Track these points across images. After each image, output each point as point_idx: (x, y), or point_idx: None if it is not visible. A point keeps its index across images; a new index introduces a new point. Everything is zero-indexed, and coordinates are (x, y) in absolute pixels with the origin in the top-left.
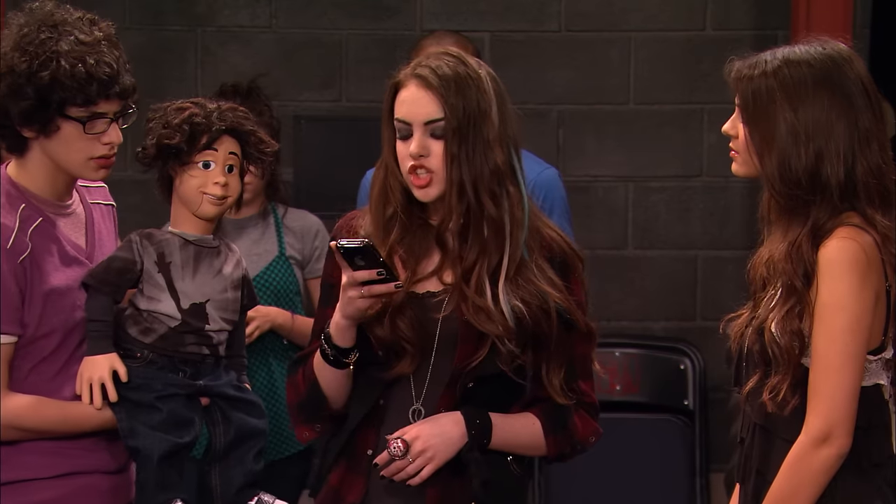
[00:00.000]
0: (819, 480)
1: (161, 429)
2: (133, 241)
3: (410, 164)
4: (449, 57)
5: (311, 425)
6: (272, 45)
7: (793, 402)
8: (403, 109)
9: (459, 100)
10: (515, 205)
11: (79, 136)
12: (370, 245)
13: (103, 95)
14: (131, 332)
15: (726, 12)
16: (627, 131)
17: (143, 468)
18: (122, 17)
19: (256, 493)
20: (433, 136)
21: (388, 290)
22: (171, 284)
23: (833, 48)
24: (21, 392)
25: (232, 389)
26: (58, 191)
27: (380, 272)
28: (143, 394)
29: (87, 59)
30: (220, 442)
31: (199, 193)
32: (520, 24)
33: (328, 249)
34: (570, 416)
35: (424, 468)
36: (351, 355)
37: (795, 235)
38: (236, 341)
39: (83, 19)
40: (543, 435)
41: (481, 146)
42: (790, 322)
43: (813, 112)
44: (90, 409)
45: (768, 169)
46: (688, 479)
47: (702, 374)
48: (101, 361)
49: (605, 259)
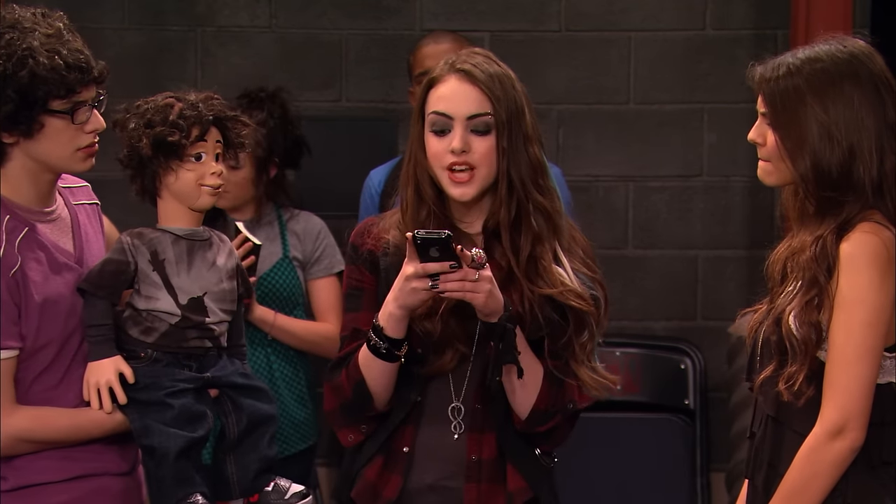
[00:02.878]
0: (832, 473)
1: (175, 425)
2: (124, 242)
3: (451, 161)
4: (482, 55)
5: (356, 426)
6: (272, 45)
7: (807, 394)
8: (443, 104)
9: (504, 95)
10: (555, 196)
11: (64, 129)
12: (450, 237)
13: (84, 82)
14: (132, 333)
15: (726, 12)
16: (627, 131)
17: (160, 466)
18: (122, 17)
19: (273, 479)
20: (475, 132)
21: (460, 287)
22: (167, 281)
23: (853, 45)
24: (27, 403)
25: (240, 378)
26: (41, 196)
27: (452, 265)
28: (152, 392)
29: (60, 49)
30: (233, 431)
31: (197, 186)
32: (520, 24)
33: (351, 250)
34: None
35: (475, 294)
36: (402, 347)
37: (823, 231)
38: (235, 331)
39: (36, 14)
40: (542, 381)
41: (524, 141)
42: (809, 313)
43: (843, 109)
44: (100, 414)
45: (802, 170)
46: (688, 478)
47: (702, 373)
48: (107, 365)
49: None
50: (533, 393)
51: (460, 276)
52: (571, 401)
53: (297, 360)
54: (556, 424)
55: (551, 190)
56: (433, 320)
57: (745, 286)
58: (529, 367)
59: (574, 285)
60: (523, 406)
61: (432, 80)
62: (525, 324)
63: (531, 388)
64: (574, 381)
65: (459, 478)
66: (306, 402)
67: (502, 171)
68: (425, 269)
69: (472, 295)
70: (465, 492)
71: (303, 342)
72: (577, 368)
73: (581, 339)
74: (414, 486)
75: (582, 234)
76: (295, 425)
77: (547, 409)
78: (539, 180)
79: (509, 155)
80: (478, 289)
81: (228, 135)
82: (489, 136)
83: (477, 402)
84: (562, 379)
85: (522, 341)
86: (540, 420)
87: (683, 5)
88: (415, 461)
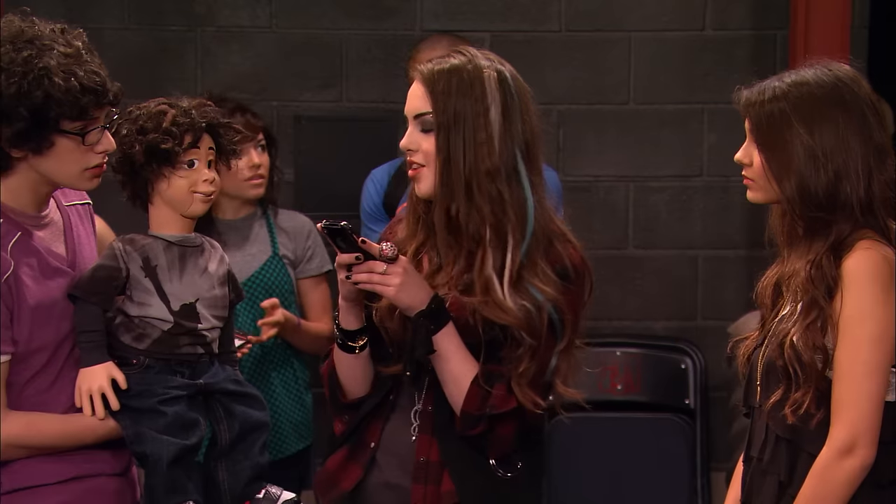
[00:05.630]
0: (844, 492)
1: (167, 432)
2: (116, 248)
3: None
4: (458, 54)
5: (340, 416)
6: (272, 45)
7: (818, 416)
8: (407, 104)
9: (449, 96)
10: (518, 208)
11: (74, 149)
12: (347, 227)
13: (98, 105)
14: (124, 339)
15: (726, 12)
16: (627, 131)
17: (152, 473)
18: (122, 17)
19: (264, 486)
20: (423, 131)
21: (368, 279)
22: (159, 288)
23: (839, 69)
24: (18, 407)
25: (232, 384)
26: (38, 203)
27: (358, 256)
28: (144, 400)
29: (77, 71)
30: (225, 438)
31: (190, 193)
32: (520, 24)
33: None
34: (499, 386)
35: (385, 287)
36: (358, 339)
37: (816, 253)
38: (226, 337)
39: (56, 30)
40: (470, 383)
41: (474, 145)
42: (813, 336)
43: (828, 132)
44: (91, 421)
45: (788, 192)
46: (689, 478)
47: (703, 373)
48: (99, 371)
49: (605, 259)
50: (459, 394)
51: (367, 268)
52: (490, 405)
53: (293, 360)
54: (486, 429)
55: (513, 200)
56: (393, 319)
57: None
58: (456, 368)
59: (500, 297)
60: (456, 407)
61: (409, 81)
62: (461, 325)
63: (456, 388)
64: (503, 389)
65: (410, 478)
66: (303, 402)
67: (439, 170)
68: (339, 259)
69: (382, 287)
70: (412, 492)
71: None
72: (513, 379)
73: (515, 353)
74: (372, 482)
75: (569, 246)
76: (292, 426)
77: (475, 412)
78: (492, 189)
79: (447, 156)
80: (386, 281)
81: (221, 142)
82: (432, 134)
83: (429, 405)
84: (487, 387)
85: (454, 341)
86: (470, 424)
87: (683, 5)
88: (378, 457)
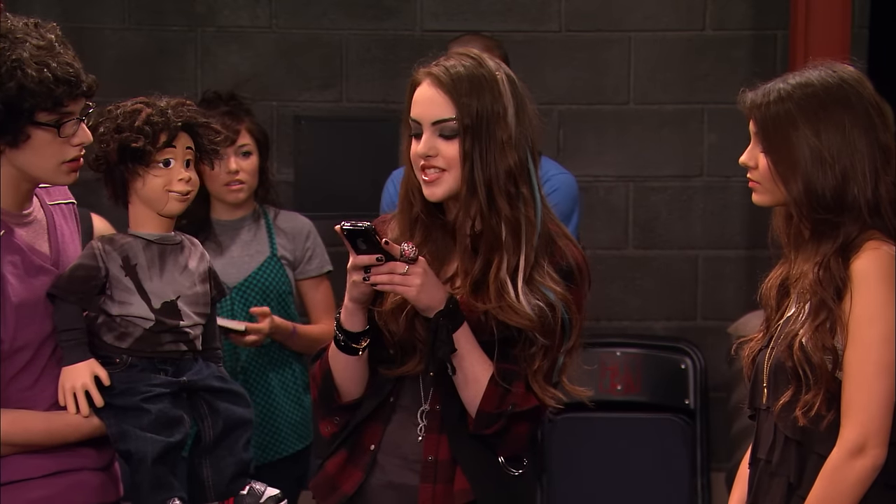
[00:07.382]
0: (855, 493)
1: (151, 430)
2: (95, 247)
3: (421, 164)
4: (466, 57)
5: (329, 418)
6: (272, 45)
7: (828, 418)
8: (416, 109)
9: (472, 100)
10: (529, 207)
11: (51, 142)
12: (371, 228)
13: (72, 96)
14: (107, 339)
15: (726, 12)
16: (627, 131)
17: (137, 471)
18: (122, 17)
19: (248, 482)
20: (442, 137)
21: (389, 280)
22: (139, 286)
23: (843, 70)
24: (1, 405)
25: (216, 381)
26: (19, 200)
27: (379, 258)
28: (128, 398)
29: (50, 62)
30: (209, 434)
31: (165, 192)
32: (520, 24)
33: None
34: (517, 384)
35: (406, 287)
36: (361, 341)
37: (824, 255)
38: (209, 334)
39: (29, 24)
40: (487, 382)
41: (495, 147)
42: (822, 338)
43: (835, 133)
44: (76, 419)
45: (795, 194)
46: (689, 478)
47: (703, 373)
48: (82, 369)
49: (605, 259)
50: (476, 393)
51: (388, 269)
52: (513, 403)
53: (292, 361)
54: (502, 427)
55: (526, 199)
56: (398, 321)
57: (745, 286)
58: (472, 367)
59: (513, 300)
60: (471, 407)
61: (413, 84)
62: (473, 324)
63: (473, 388)
64: (521, 387)
65: (418, 477)
66: (302, 403)
67: (465, 176)
68: (357, 261)
69: (403, 288)
70: (420, 491)
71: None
72: (530, 377)
73: (529, 352)
74: (374, 483)
75: (570, 244)
76: (291, 427)
77: (492, 411)
78: (511, 189)
79: (473, 161)
80: (407, 282)
81: (200, 141)
82: (455, 140)
83: (436, 404)
84: (506, 385)
85: (469, 340)
86: (486, 422)
87: (683, 5)
88: (378, 459)
